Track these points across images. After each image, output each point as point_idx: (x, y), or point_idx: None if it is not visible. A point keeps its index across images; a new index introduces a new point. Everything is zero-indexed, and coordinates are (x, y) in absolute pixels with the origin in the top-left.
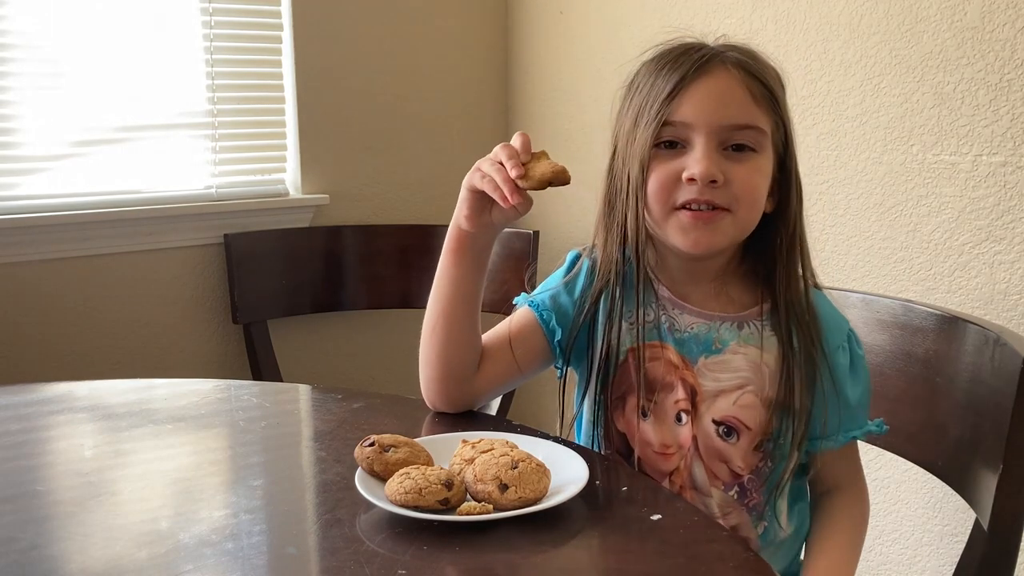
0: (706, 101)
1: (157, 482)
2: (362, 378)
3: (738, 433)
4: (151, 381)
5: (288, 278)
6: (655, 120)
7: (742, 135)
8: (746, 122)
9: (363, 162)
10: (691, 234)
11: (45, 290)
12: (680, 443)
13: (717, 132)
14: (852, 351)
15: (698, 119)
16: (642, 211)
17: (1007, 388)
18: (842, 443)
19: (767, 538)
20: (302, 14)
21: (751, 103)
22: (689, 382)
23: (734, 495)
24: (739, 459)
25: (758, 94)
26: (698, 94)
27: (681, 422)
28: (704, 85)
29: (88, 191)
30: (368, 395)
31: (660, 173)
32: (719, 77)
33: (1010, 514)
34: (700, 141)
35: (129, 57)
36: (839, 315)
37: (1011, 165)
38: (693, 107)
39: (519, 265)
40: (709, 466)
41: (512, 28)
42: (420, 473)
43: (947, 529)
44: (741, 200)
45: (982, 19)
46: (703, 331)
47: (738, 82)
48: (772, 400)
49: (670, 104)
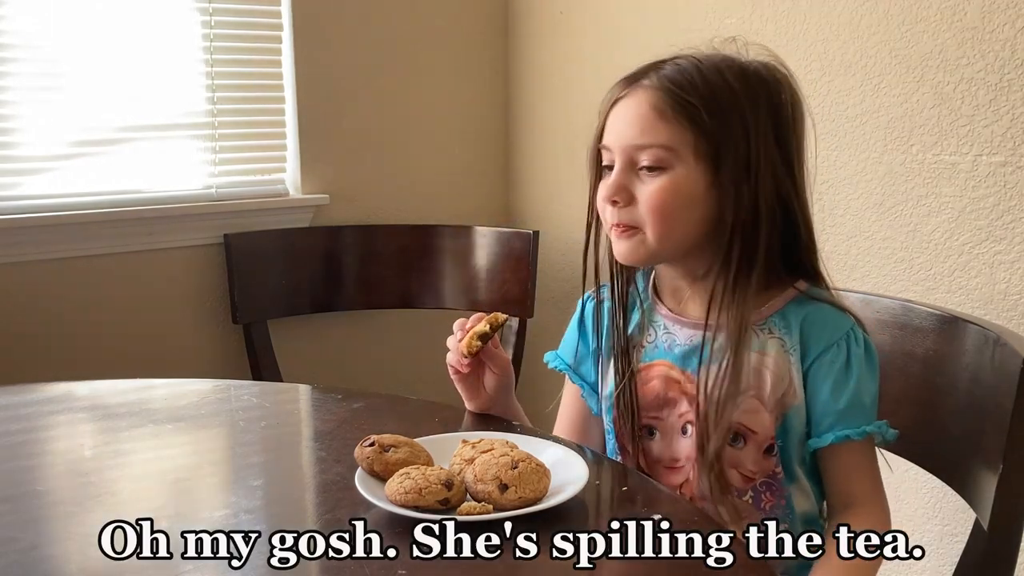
0: (618, 124)
1: (157, 482)
2: (362, 378)
3: (744, 438)
4: (151, 381)
5: (288, 278)
6: (594, 142)
7: (646, 154)
8: (646, 142)
9: (363, 162)
10: (616, 247)
11: (45, 290)
12: (688, 454)
13: (626, 152)
14: (849, 350)
15: (613, 142)
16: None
17: (1007, 388)
18: (830, 441)
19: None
20: (302, 14)
21: (656, 121)
22: (692, 394)
23: (748, 499)
24: (750, 463)
25: (668, 110)
26: (614, 117)
27: (687, 434)
28: (620, 107)
29: (88, 191)
30: (368, 395)
31: (597, 195)
32: (632, 98)
33: (1010, 514)
34: (616, 163)
35: (129, 57)
36: (838, 315)
37: (1011, 165)
38: (610, 130)
39: (519, 265)
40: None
41: (512, 28)
42: (420, 473)
43: (947, 529)
44: (647, 219)
45: (982, 19)
46: (700, 343)
47: (646, 100)
48: (774, 402)
49: (603, 127)
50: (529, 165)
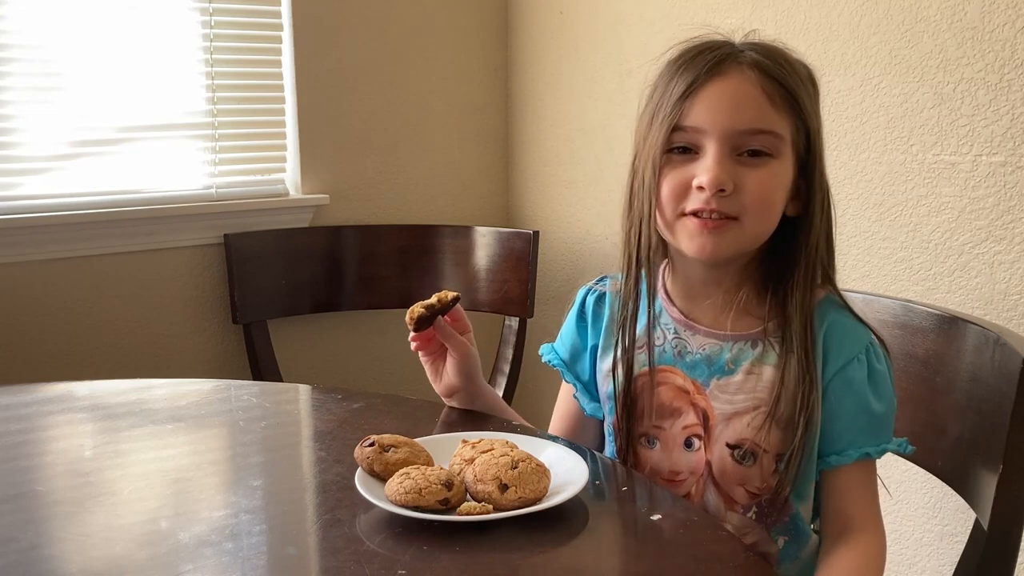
0: (718, 105)
1: (157, 482)
2: (362, 378)
3: (755, 456)
4: (151, 381)
5: (288, 278)
6: (666, 125)
7: (757, 140)
8: (760, 127)
9: (363, 162)
10: (696, 240)
11: (45, 290)
12: (692, 468)
13: (730, 137)
14: (870, 364)
15: (709, 124)
16: (655, 215)
17: (1007, 388)
18: (853, 459)
19: (787, 552)
20: (302, 14)
21: (767, 106)
22: (701, 406)
23: (752, 516)
24: (757, 480)
25: (776, 96)
26: (710, 98)
27: (692, 447)
28: (716, 88)
29: (88, 191)
30: (368, 395)
31: (671, 180)
32: (733, 79)
33: (1010, 514)
34: (712, 147)
35: (129, 57)
36: (858, 326)
37: (1011, 165)
38: (704, 111)
39: (519, 265)
40: (725, 490)
41: (512, 28)
42: (420, 473)
43: (947, 529)
44: (750, 209)
45: (982, 19)
46: (715, 352)
47: (753, 84)
48: (787, 418)
49: (682, 108)
50: (529, 165)
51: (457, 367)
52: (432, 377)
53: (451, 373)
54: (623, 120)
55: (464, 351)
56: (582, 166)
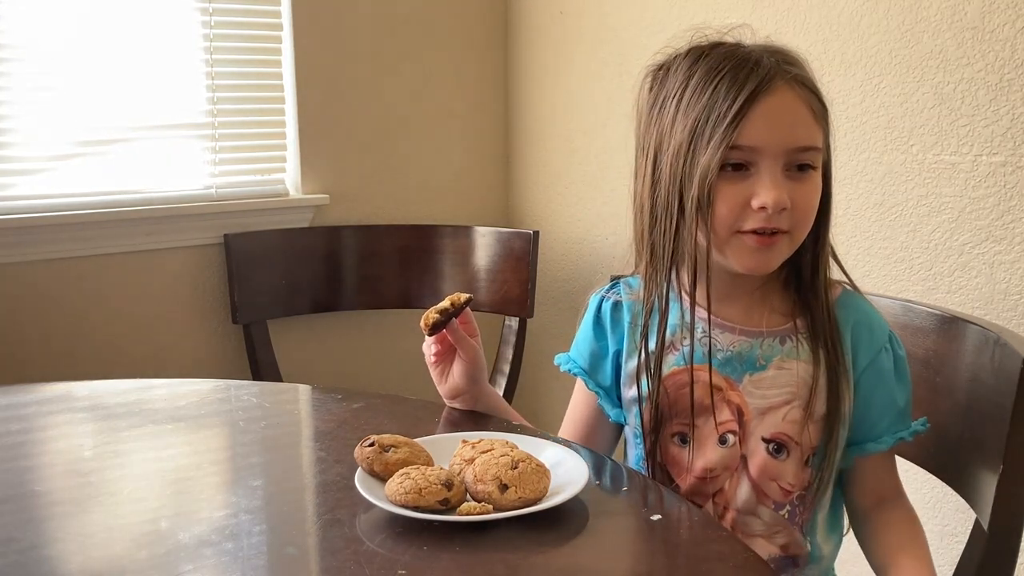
0: (775, 124)
1: (157, 482)
2: (362, 378)
3: (787, 449)
4: (150, 381)
5: (288, 278)
6: (721, 144)
7: (807, 156)
8: (811, 144)
9: (363, 162)
10: (753, 257)
11: (45, 290)
12: (727, 464)
13: (785, 155)
14: (895, 352)
15: (765, 143)
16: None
17: (1007, 388)
18: (890, 444)
19: (815, 555)
20: (302, 14)
21: (812, 121)
22: (735, 402)
23: (785, 514)
24: (790, 476)
25: (817, 111)
26: (765, 116)
27: (727, 443)
28: (769, 106)
29: (88, 191)
30: (368, 395)
31: (728, 199)
32: (783, 96)
33: (1010, 514)
34: (768, 166)
35: (129, 57)
36: (878, 316)
37: (1011, 165)
38: (761, 131)
39: (519, 265)
40: (759, 485)
41: (512, 28)
42: (420, 473)
43: (947, 529)
44: (800, 222)
45: (982, 19)
46: (745, 349)
47: (801, 101)
48: (819, 412)
49: (736, 127)
50: (529, 165)
51: (465, 370)
52: (437, 379)
53: (458, 376)
54: (623, 120)
55: (473, 354)
56: (582, 166)
